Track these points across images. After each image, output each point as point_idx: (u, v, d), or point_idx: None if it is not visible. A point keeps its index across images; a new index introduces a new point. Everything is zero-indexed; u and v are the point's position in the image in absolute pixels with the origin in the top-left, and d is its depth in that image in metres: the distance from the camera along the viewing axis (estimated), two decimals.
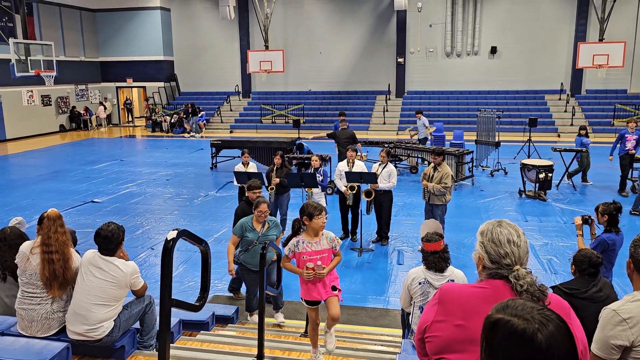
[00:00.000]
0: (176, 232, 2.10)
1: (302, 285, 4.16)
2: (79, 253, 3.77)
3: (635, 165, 11.51)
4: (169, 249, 2.07)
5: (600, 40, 18.78)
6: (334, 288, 4.16)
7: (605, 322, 2.20)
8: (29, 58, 15.90)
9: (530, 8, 23.61)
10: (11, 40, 15.72)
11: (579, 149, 11.99)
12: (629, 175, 11.35)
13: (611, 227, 4.80)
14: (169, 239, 2.08)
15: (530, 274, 1.69)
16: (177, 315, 4.37)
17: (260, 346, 3.52)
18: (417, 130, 15.00)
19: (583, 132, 12.21)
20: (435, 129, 16.73)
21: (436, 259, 3.85)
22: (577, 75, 23.31)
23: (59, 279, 3.47)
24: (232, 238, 5.55)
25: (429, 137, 15.07)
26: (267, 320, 5.14)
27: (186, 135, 23.19)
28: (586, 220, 5.01)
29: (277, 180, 8.34)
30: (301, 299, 4.19)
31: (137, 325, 3.77)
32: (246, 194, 6.30)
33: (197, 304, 2.32)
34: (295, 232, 4.22)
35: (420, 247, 8.19)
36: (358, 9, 25.33)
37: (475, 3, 23.96)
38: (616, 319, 2.15)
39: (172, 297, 2.17)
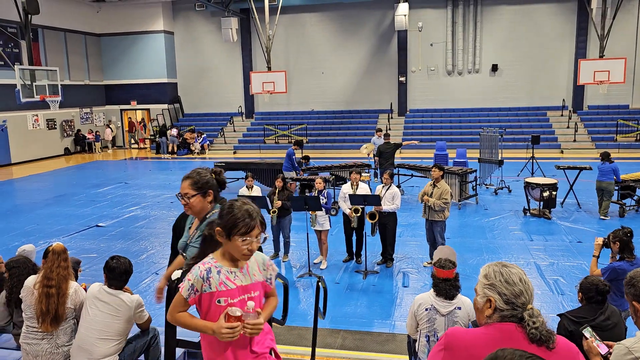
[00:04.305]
0: (180, 271, 2.11)
1: (209, 347, 2.39)
2: (85, 288, 3.77)
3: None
4: (173, 289, 2.07)
5: (601, 56, 18.86)
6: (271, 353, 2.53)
7: (617, 358, 2.18)
8: (34, 83, 16.07)
9: (530, 26, 23.80)
10: (17, 67, 15.91)
11: (584, 166, 11.96)
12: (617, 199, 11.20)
13: (624, 254, 4.66)
14: (173, 279, 2.08)
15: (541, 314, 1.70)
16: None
17: None
18: (374, 146, 15.14)
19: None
20: (438, 147, 16.78)
21: (448, 287, 3.82)
22: (578, 91, 23.39)
23: (51, 314, 3.47)
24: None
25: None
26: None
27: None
28: (607, 244, 4.88)
29: (279, 203, 8.35)
30: None
31: (142, 358, 3.75)
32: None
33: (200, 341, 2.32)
34: (205, 250, 2.50)
35: (426, 262, 8.22)
36: (359, 29, 25.59)
37: (476, 22, 24.18)
38: (628, 357, 2.14)
39: (177, 337, 2.16)
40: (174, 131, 24.55)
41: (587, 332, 2.78)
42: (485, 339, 1.74)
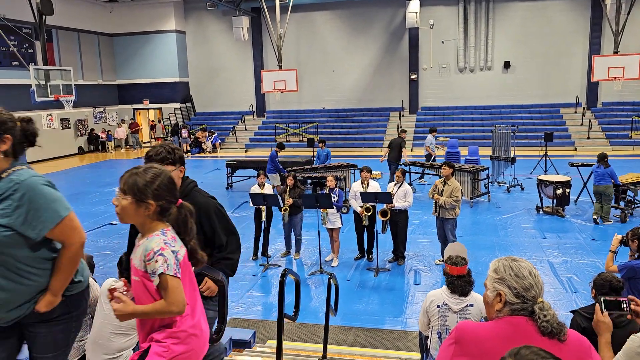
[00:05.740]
0: (193, 268, 2.13)
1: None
2: (96, 281, 3.82)
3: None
4: None
5: (615, 52, 18.61)
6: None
7: (630, 349, 2.18)
8: (48, 83, 16.25)
9: (543, 22, 23.58)
10: (31, 67, 16.10)
11: (589, 163, 11.81)
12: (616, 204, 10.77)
13: None
14: None
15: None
16: None
17: None
18: (438, 146, 15.11)
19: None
20: (450, 145, 16.70)
21: (463, 283, 3.81)
22: (592, 88, 23.14)
23: None
24: None
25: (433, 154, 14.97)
26: (285, 344, 5.12)
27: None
28: (625, 242, 4.82)
29: (291, 200, 8.38)
30: None
31: None
32: None
33: (215, 336, 2.35)
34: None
35: (437, 260, 8.20)
36: (370, 27, 25.54)
37: (487, 18, 24.01)
38: None
39: None
40: (184, 132, 24.61)
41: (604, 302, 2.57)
42: (495, 332, 1.74)
